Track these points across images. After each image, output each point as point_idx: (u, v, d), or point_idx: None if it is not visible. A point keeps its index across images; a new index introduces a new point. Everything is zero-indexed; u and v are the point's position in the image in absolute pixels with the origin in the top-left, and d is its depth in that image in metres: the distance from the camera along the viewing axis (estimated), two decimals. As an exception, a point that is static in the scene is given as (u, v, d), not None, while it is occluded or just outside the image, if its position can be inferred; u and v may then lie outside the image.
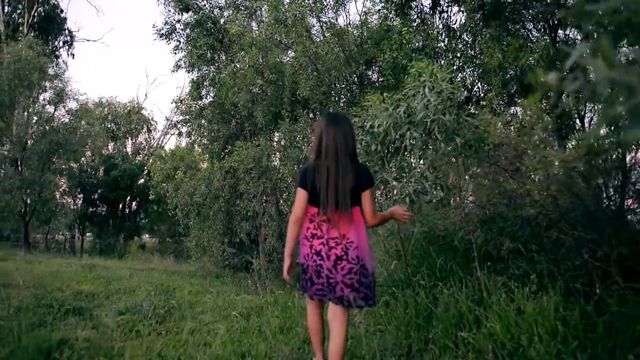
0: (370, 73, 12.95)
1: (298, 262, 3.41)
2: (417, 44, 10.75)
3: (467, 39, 11.18)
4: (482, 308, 3.90)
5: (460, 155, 4.36)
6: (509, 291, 3.97)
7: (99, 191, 29.33)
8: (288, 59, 12.40)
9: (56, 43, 33.67)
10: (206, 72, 16.93)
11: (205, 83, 16.99)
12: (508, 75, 8.57)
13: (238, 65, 12.61)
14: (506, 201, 4.35)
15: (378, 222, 3.46)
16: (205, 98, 17.35)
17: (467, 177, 4.20)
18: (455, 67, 9.92)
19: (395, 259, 6.00)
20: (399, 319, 4.66)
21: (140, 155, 34.09)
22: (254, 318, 6.57)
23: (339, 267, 3.15)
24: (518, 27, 9.16)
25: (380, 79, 12.13)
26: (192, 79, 16.58)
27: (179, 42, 16.63)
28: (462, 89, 4.69)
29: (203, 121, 16.69)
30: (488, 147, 4.25)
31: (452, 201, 5.32)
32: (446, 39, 11.10)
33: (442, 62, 9.61)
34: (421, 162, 5.18)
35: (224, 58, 15.59)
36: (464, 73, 10.42)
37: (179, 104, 17.61)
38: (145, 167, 30.09)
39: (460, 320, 4.04)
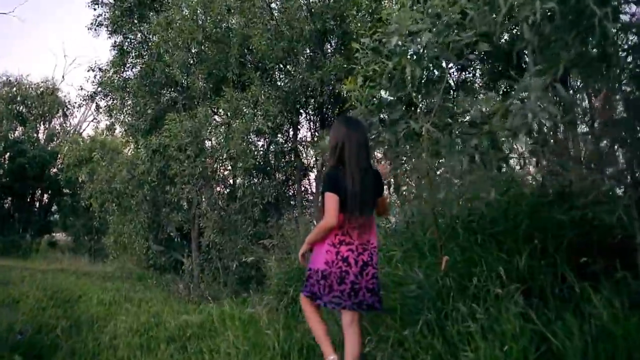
0: (334, 38, 10.78)
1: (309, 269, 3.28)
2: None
3: None
4: None
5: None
6: None
7: (2, 180, 25.48)
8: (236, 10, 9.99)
9: (-44, 13, 29.34)
10: (132, 38, 14.21)
11: (131, 52, 14.25)
12: None
13: (174, 16, 10.09)
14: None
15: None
16: (131, 70, 14.60)
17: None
18: None
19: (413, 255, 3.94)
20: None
21: (54, 142, 30.24)
22: (196, 346, 4.28)
23: (364, 273, 3.13)
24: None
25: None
26: (115, 41, 13.78)
27: (100, -6, 13.78)
28: None
29: (127, 96, 13.94)
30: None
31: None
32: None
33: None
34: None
35: (155, 20, 12.97)
36: None
37: (97, 72, 14.66)
38: (60, 155, 26.57)
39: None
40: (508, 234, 4.00)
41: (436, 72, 3.81)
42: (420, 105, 3.78)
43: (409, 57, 3.59)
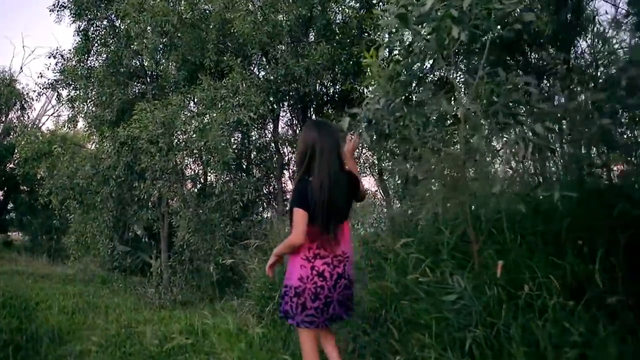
0: (315, 29, 10.17)
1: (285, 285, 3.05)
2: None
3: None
4: None
5: None
6: None
7: (-48, 177, 24.02)
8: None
9: None
10: (98, 24, 13.23)
11: (97, 39, 13.26)
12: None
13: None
14: None
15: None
16: (96, 59, 13.60)
17: None
18: None
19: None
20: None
21: (11, 136, 28.69)
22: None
23: (337, 286, 2.98)
24: None
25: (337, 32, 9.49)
26: (79, 25, 12.79)
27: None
28: None
29: (91, 86, 12.97)
30: None
31: None
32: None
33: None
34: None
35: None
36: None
37: (58, 59, 13.61)
38: (17, 149, 25.16)
39: None
40: (547, 235, 3.49)
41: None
42: (456, 82, 3.20)
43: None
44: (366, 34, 10.38)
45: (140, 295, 9.23)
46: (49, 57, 13.94)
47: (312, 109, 10.48)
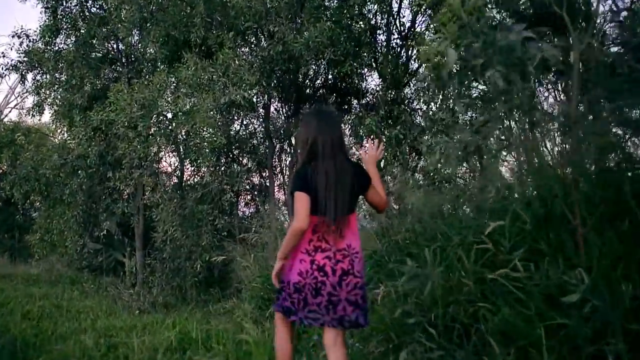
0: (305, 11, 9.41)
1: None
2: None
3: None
4: None
5: None
6: None
7: None
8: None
9: None
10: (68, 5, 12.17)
11: (66, 19, 12.18)
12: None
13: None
14: None
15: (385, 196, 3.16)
16: (64, 42, 12.51)
17: None
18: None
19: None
20: None
21: (-30, 129, 27.05)
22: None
23: (344, 283, 2.78)
24: None
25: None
26: (46, 1, 11.68)
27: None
28: None
29: (59, 70, 11.91)
30: None
31: None
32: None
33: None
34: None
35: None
36: None
37: (23, 38, 12.45)
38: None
39: None
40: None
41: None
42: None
43: None
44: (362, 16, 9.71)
45: (115, 297, 8.35)
46: (13, 37, 12.78)
47: (305, 95, 9.76)
